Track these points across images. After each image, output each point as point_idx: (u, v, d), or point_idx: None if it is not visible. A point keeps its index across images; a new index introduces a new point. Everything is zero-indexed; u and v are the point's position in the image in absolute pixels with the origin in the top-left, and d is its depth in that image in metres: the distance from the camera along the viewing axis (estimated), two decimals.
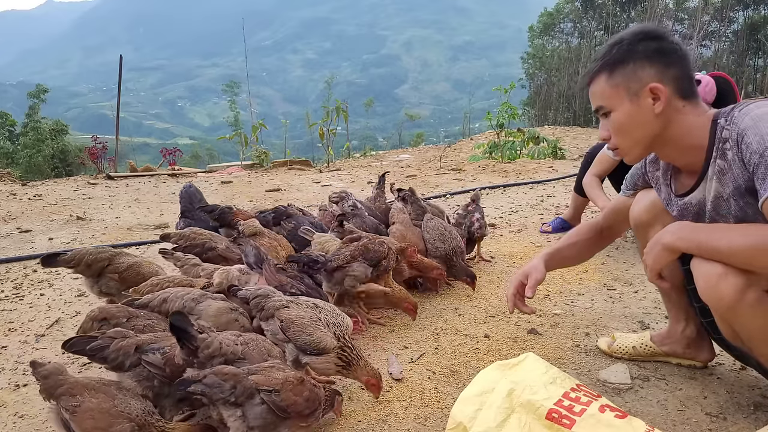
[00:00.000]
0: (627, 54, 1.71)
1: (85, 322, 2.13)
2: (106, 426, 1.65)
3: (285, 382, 1.75)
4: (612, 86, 1.74)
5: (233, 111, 42.66)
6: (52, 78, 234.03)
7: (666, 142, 1.77)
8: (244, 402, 1.68)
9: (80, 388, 1.70)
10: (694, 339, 2.24)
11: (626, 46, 1.71)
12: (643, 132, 1.75)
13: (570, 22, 36.58)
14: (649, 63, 1.69)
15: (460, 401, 1.67)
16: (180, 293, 2.20)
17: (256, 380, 1.71)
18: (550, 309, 2.98)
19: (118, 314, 2.09)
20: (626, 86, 1.72)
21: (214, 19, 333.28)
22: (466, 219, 3.61)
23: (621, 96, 1.73)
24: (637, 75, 1.70)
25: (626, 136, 1.77)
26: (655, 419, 2.00)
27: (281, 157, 10.90)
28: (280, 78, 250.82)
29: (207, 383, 1.66)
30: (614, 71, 1.73)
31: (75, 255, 2.56)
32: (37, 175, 18.00)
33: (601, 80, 1.76)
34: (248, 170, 9.40)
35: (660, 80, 1.68)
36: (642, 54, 1.69)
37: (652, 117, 1.71)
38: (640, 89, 1.70)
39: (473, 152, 10.37)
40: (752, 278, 1.59)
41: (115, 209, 6.11)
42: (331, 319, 2.14)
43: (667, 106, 1.70)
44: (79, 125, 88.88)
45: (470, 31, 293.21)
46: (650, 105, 1.70)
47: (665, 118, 1.72)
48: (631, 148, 1.81)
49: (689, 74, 1.72)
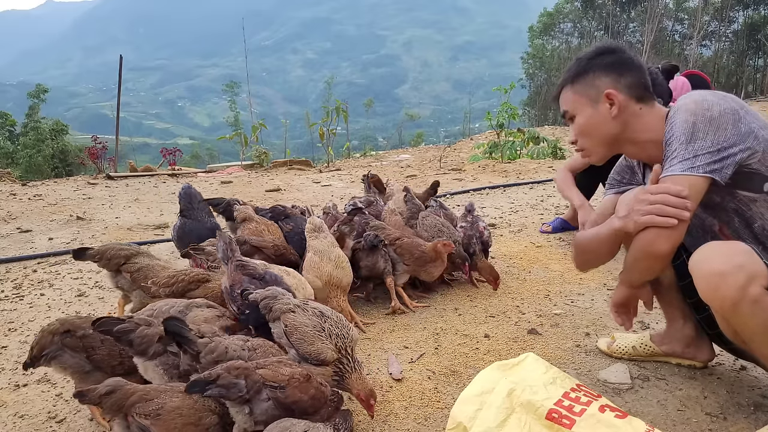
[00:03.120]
0: (586, 67, 1.95)
1: (42, 336, 2.00)
2: (196, 420, 1.66)
3: (291, 379, 1.73)
4: (575, 94, 1.97)
5: (233, 111, 42.68)
6: (52, 78, 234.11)
7: (626, 141, 1.96)
8: (253, 397, 1.66)
9: (153, 392, 1.67)
10: (693, 338, 2.24)
11: (586, 61, 1.95)
12: (603, 133, 1.95)
13: (570, 22, 36.62)
14: (605, 73, 1.92)
15: (460, 401, 1.67)
16: (165, 307, 2.15)
17: (263, 375, 1.69)
18: (550, 309, 2.98)
19: (83, 325, 2.03)
20: (586, 94, 1.95)
21: (214, 19, 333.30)
22: (473, 230, 3.36)
23: (582, 102, 1.96)
24: (594, 84, 1.93)
25: (589, 137, 1.99)
26: (655, 419, 2.00)
27: (281, 157, 10.90)
28: (280, 78, 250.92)
29: (222, 384, 1.63)
30: (576, 82, 1.97)
31: (99, 250, 2.71)
32: (37, 175, 18.02)
33: (567, 91, 2.01)
34: (248, 170, 9.40)
35: (615, 87, 1.90)
36: (599, 66, 1.93)
37: (610, 120, 1.92)
38: (598, 96, 1.92)
39: (473, 152, 10.38)
40: (751, 275, 1.60)
41: (115, 209, 6.11)
42: (335, 330, 2.07)
43: (623, 110, 1.90)
44: (79, 125, 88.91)
45: (470, 31, 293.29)
46: (607, 109, 1.91)
47: (622, 120, 1.91)
48: (594, 148, 2.01)
49: (643, 81, 1.91)
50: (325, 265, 2.76)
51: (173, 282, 2.46)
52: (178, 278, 2.47)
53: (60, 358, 1.98)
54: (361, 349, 2.61)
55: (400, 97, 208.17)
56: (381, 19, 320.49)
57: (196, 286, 2.45)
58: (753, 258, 1.63)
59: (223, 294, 2.41)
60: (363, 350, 2.60)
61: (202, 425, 1.67)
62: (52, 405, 2.23)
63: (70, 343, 1.98)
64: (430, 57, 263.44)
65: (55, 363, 1.99)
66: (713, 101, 1.72)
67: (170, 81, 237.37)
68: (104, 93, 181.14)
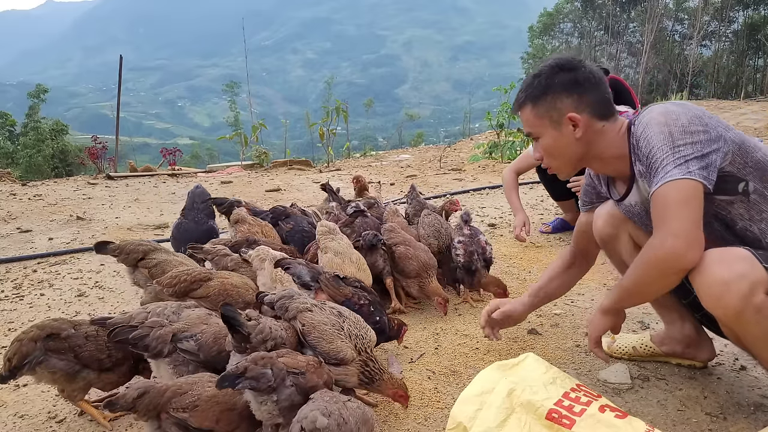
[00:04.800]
0: (546, 87, 1.90)
1: (22, 345, 1.95)
2: (232, 405, 1.71)
3: (308, 365, 1.78)
4: (536, 116, 1.93)
5: (233, 111, 42.69)
6: (52, 78, 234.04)
7: (593, 158, 1.96)
8: (279, 384, 1.68)
9: (185, 386, 1.71)
10: (693, 338, 2.24)
11: (545, 80, 1.90)
12: (569, 154, 1.95)
13: (570, 22, 36.60)
14: (567, 94, 1.87)
15: (460, 401, 1.67)
16: (158, 309, 2.14)
17: (285, 362, 1.73)
18: (550, 309, 2.98)
19: (63, 326, 2.02)
20: (548, 116, 1.91)
21: (214, 19, 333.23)
22: (474, 246, 3.07)
23: (545, 125, 1.93)
24: (556, 106, 1.89)
25: (555, 158, 1.98)
26: (655, 419, 2.00)
27: (281, 157, 10.89)
28: (280, 78, 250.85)
29: (252, 376, 1.65)
30: (537, 103, 1.92)
31: (119, 245, 2.79)
32: (37, 175, 18.00)
33: (527, 110, 1.96)
34: (248, 170, 9.40)
35: (576, 109, 1.87)
36: (559, 86, 1.88)
37: (574, 141, 1.90)
38: (560, 118, 1.89)
39: (473, 152, 10.37)
40: (754, 283, 1.59)
41: (115, 209, 6.11)
42: (354, 330, 2.08)
43: (586, 130, 1.88)
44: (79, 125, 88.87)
45: (470, 31, 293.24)
46: (571, 131, 1.89)
47: (587, 140, 1.90)
48: (561, 167, 2.01)
49: (605, 97, 1.89)
50: (347, 267, 2.76)
51: (175, 282, 2.46)
52: (181, 278, 2.47)
53: (46, 363, 1.97)
54: None
55: (400, 97, 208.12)
56: (381, 19, 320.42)
57: (198, 286, 2.46)
58: (754, 264, 1.61)
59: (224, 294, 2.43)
60: None
61: (238, 408, 1.72)
62: (52, 405, 2.23)
63: (55, 347, 1.97)
64: (430, 57, 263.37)
65: (40, 369, 1.97)
66: (678, 111, 1.71)
67: (170, 81, 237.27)
68: (104, 93, 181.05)
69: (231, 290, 2.45)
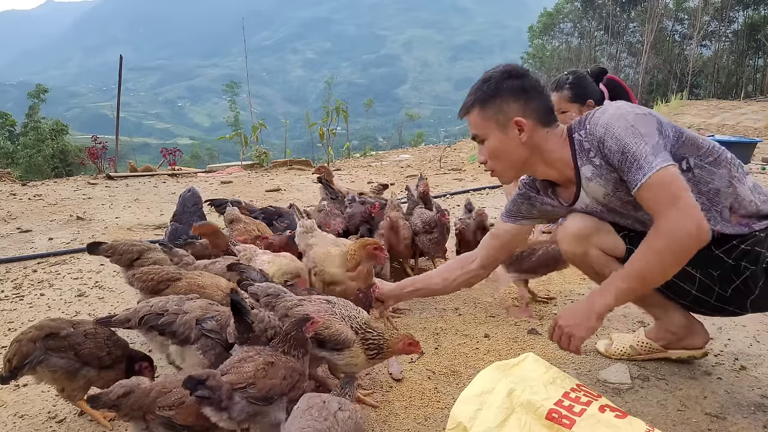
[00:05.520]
0: (495, 91, 1.96)
1: (21, 345, 1.95)
2: None
3: (256, 372, 1.73)
4: (483, 119, 2.00)
5: (233, 111, 42.63)
6: (52, 78, 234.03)
7: (536, 162, 2.03)
8: (228, 403, 1.67)
9: (169, 384, 1.70)
10: (685, 325, 2.27)
11: (494, 84, 1.97)
12: (514, 157, 2.02)
13: (570, 22, 36.59)
14: (514, 99, 1.95)
15: (460, 401, 1.67)
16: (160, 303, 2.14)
17: (229, 381, 1.69)
18: (550, 309, 2.98)
19: (62, 326, 2.03)
20: (495, 119, 1.98)
21: (214, 19, 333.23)
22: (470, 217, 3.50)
23: (492, 127, 1.99)
24: (503, 110, 1.96)
25: (499, 160, 2.05)
26: (655, 419, 2.00)
27: (281, 157, 10.89)
28: (280, 78, 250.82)
29: (211, 386, 1.64)
30: (485, 106, 1.99)
31: (112, 245, 2.81)
32: (37, 175, 17.99)
33: (474, 113, 2.02)
34: (248, 170, 9.40)
35: (523, 114, 1.95)
36: (507, 91, 1.96)
37: (519, 144, 1.98)
38: (507, 122, 1.96)
39: (473, 152, 10.36)
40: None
41: (115, 209, 6.11)
42: (346, 312, 2.11)
43: (531, 135, 1.96)
44: (79, 125, 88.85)
45: (470, 31, 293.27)
46: (517, 135, 1.97)
47: (531, 144, 1.98)
48: (504, 170, 2.08)
49: (548, 106, 1.99)
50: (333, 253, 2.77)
51: (145, 279, 2.48)
52: (149, 276, 2.48)
53: (47, 362, 1.97)
54: None
55: (400, 97, 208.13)
56: (381, 19, 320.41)
57: (166, 286, 2.44)
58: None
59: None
60: None
61: None
62: (52, 405, 2.23)
63: (55, 345, 1.98)
64: (430, 57, 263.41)
65: (41, 368, 1.97)
66: (629, 109, 1.84)
67: (170, 81, 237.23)
68: (104, 93, 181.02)
69: (198, 291, 2.41)
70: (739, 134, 11.38)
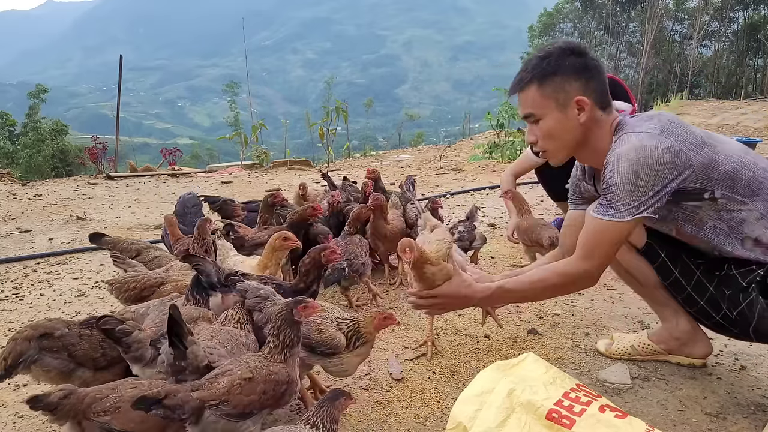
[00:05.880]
0: (556, 68, 1.90)
1: (16, 344, 1.95)
2: None
3: (231, 388, 1.65)
4: (542, 96, 1.93)
5: (233, 111, 42.56)
6: (52, 78, 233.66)
7: (585, 146, 2.00)
8: (197, 420, 1.61)
9: (105, 390, 1.65)
10: (689, 333, 2.26)
11: (555, 61, 1.90)
12: (569, 138, 1.97)
13: (570, 22, 36.58)
14: (575, 77, 1.89)
15: (460, 401, 1.67)
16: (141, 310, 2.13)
17: (200, 396, 1.62)
18: (550, 309, 2.98)
19: (57, 326, 2.02)
20: (555, 97, 1.91)
21: (214, 19, 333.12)
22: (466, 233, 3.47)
23: (550, 106, 1.93)
24: (564, 88, 1.90)
25: (553, 141, 1.99)
26: (655, 419, 2.00)
27: (281, 157, 10.89)
28: (280, 78, 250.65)
29: (169, 405, 1.57)
30: (544, 83, 1.92)
31: (114, 240, 2.96)
32: (37, 175, 17.97)
33: (531, 90, 1.94)
34: (248, 170, 9.40)
35: (584, 93, 1.89)
36: (569, 69, 1.89)
37: (577, 125, 1.93)
38: (567, 101, 1.90)
39: (473, 152, 10.37)
40: None
41: (115, 209, 6.11)
42: (332, 315, 2.10)
43: (589, 116, 1.91)
44: (79, 125, 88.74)
45: (470, 31, 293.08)
46: (576, 115, 1.91)
47: (587, 126, 1.94)
48: (557, 151, 2.03)
49: (606, 88, 1.94)
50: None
51: (126, 288, 2.42)
52: (130, 284, 2.42)
53: (41, 362, 1.97)
54: None
55: (400, 97, 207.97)
56: (381, 19, 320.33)
57: (151, 292, 2.40)
58: None
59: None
60: None
61: None
62: None
63: (49, 345, 1.97)
64: (430, 57, 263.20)
65: (35, 367, 1.97)
66: (651, 146, 1.76)
67: (170, 81, 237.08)
68: (104, 93, 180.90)
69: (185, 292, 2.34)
70: (739, 134, 11.38)
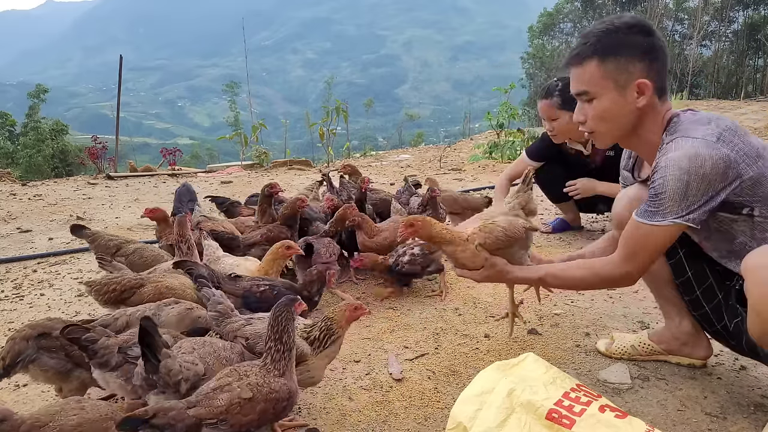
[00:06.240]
0: (621, 45, 1.76)
1: (14, 343, 1.96)
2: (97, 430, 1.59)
3: (230, 407, 1.60)
4: (602, 74, 1.80)
5: (233, 111, 42.58)
6: (52, 78, 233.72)
7: (634, 133, 1.89)
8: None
9: (45, 417, 1.57)
10: (690, 335, 2.25)
11: (620, 37, 1.76)
12: (623, 122, 1.86)
13: (570, 22, 36.58)
14: (640, 58, 1.76)
15: (460, 401, 1.67)
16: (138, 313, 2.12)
17: (197, 414, 1.57)
18: (550, 309, 2.98)
19: (55, 326, 2.01)
20: (615, 77, 1.78)
21: (214, 19, 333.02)
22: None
23: (608, 86, 1.80)
24: (627, 68, 1.77)
25: (606, 123, 1.87)
26: (655, 419, 2.00)
27: (281, 157, 10.89)
28: (280, 78, 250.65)
29: (158, 425, 1.51)
30: (606, 60, 1.78)
31: (95, 232, 3.02)
32: (37, 175, 17.98)
33: (591, 66, 1.81)
34: (248, 170, 9.40)
35: (647, 76, 1.77)
36: (635, 48, 1.75)
37: (634, 109, 1.82)
38: (628, 82, 1.78)
39: (473, 152, 10.36)
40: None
41: (115, 209, 6.11)
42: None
43: (648, 102, 1.80)
44: (79, 125, 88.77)
45: (470, 31, 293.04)
46: (634, 99, 1.79)
47: (643, 112, 1.82)
48: (606, 135, 1.92)
49: (666, 73, 1.84)
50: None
51: (105, 291, 2.40)
52: (110, 286, 2.40)
53: (39, 361, 1.97)
54: (362, 349, 2.61)
55: (400, 97, 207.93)
56: (381, 19, 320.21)
57: (131, 293, 2.39)
58: None
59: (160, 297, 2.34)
60: (363, 350, 2.61)
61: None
62: None
63: (47, 345, 1.97)
64: (430, 57, 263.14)
65: (33, 367, 1.97)
66: (705, 156, 1.65)
67: (170, 81, 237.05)
68: (104, 93, 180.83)
69: (167, 293, 2.36)
70: None
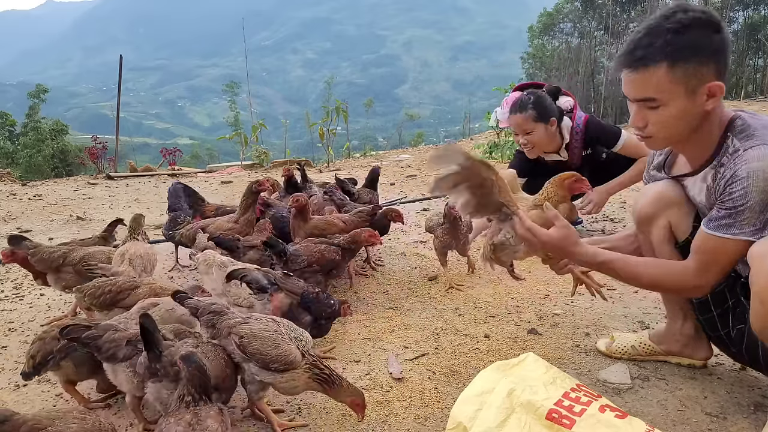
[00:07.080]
0: (694, 48, 1.58)
1: (44, 343, 2.03)
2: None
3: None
4: (671, 81, 1.62)
5: (233, 111, 42.52)
6: (52, 78, 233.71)
7: (692, 135, 1.75)
8: None
9: (45, 421, 1.57)
10: (692, 336, 2.24)
11: (693, 38, 1.58)
12: (686, 127, 1.72)
13: (570, 22, 36.54)
14: (714, 60, 1.60)
15: (460, 401, 1.67)
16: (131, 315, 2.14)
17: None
18: (550, 309, 2.98)
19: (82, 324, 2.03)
20: (686, 83, 1.62)
21: (214, 19, 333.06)
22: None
23: (678, 92, 1.64)
24: (699, 72, 1.60)
25: (667, 129, 1.73)
26: (655, 419, 2.00)
27: (281, 157, 10.89)
28: (280, 78, 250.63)
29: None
30: (676, 65, 1.60)
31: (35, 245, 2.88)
32: (37, 175, 17.97)
33: (659, 71, 1.62)
34: (248, 170, 9.40)
35: (718, 77, 1.62)
36: (706, 48, 1.59)
37: (700, 113, 1.67)
38: (699, 86, 1.62)
39: (473, 152, 10.37)
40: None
41: (115, 209, 6.11)
42: (293, 334, 2.02)
43: (716, 105, 1.67)
44: (79, 125, 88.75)
45: (470, 31, 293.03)
46: (703, 102, 1.65)
47: (708, 114, 1.69)
48: (665, 140, 1.80)
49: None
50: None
51: (100, 293, 2.40)
52: (104, 289, 2.41)
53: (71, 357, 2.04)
54: (362, 349, 2.61)
55: (400, 97, 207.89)
56: (381, 19, 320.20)
57: (126, 295, 2.40)
58: None
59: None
60: (363, 350, 2.61)
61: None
62: (52, 405, 2.23)
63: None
64: (430, 57, 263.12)
65: (65, 363, 2.04)
66: None
67: (170, 81, 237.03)
68: (104, 93, 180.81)
69: (161, 294, 2.38)
70: None
